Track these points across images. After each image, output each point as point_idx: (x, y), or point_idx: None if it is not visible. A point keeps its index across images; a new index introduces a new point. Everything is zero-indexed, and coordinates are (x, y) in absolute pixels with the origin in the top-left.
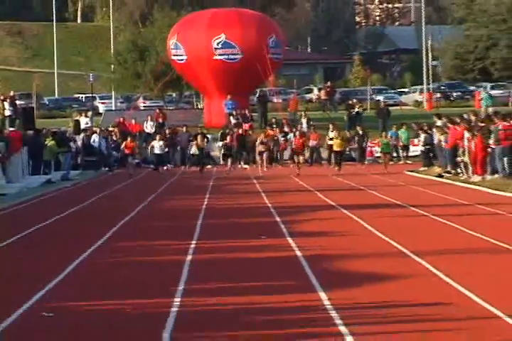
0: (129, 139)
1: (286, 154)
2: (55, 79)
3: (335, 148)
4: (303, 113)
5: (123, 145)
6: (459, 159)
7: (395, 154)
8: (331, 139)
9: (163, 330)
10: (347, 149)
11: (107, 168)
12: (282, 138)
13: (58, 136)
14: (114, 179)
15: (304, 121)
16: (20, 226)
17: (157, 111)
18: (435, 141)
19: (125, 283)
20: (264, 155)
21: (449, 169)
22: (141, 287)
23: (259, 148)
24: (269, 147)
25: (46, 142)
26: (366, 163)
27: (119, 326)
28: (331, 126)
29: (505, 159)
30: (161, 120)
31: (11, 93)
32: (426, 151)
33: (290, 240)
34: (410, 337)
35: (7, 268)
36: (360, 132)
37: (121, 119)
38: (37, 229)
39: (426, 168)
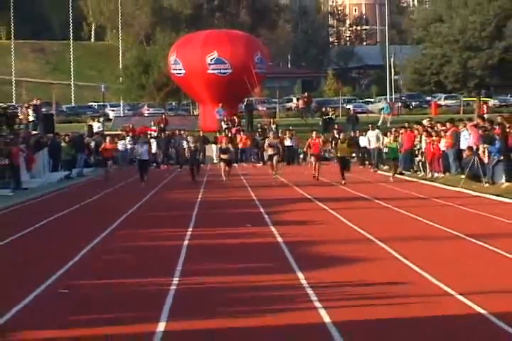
0: (107, 141)
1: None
2: (72, 90)
3: (339, 154)
4: (272, 120)
5: (101, 148)
6: (417, 159)
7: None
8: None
9: (163, 305)
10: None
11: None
12: (262, 141)
13: (70, 138)
14: (121, 175)
15: (273, 126)
16: (41, 216)
17: (162, 116)
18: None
19: (131, 264)
20: (275, 158)
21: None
22: (144, 268)
23: (269, 151)
24: (278, 150)
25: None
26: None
27: (125, 302)
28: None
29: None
30: (162, 125)
31: (38, 101)
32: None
33: (272, 228)
34: (374, 311)
35: (29, 253)
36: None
37: (131, 126)
38: (54, 219)
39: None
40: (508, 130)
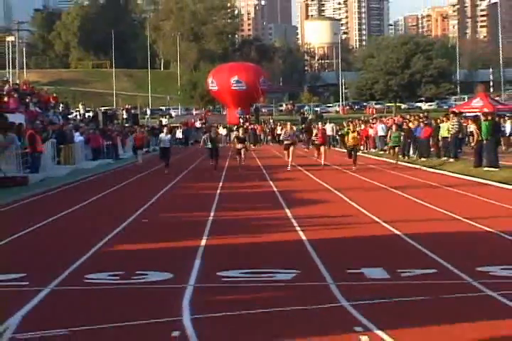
0: (138, 132)
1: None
2: (149, 99)
3: (349, 143)
4: (270, 117)
5: (133, 137)
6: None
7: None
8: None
9: (204, 229)
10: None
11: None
12: (268, 130)
13: (149, 128)
14: (177, 152)
15: (271, 121)
16: (132, 175)
17: (202, 115)
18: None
19: (183, 204)
20: (291, 148)
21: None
22: (191, 206)
23: (286, 141)
24: (295, 141)
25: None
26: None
27: (180, 227)
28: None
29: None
30: (204, 120)
31: (128, 106)
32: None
33: (270, 182)
34: (332, 232)
35: (123, 196)
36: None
37: (186, 120)
38: (139, 177)
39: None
40: (411, 124)
